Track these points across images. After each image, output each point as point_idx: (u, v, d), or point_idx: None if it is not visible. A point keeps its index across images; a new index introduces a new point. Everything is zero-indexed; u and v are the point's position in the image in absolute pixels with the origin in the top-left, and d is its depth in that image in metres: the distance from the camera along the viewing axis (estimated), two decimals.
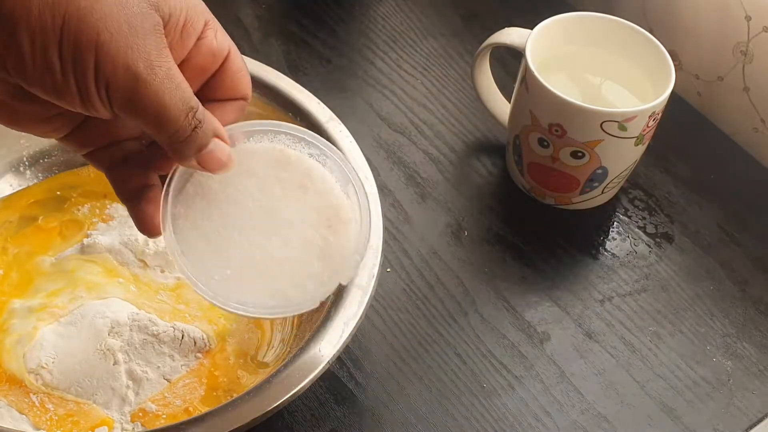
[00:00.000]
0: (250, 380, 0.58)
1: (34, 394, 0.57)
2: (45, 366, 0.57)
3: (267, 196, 0.48)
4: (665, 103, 0.66)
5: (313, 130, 0.63)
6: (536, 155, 0.68)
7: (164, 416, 0.56)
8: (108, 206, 0.66)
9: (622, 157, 0.68)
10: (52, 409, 0.56)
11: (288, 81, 0.66)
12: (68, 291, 0.61)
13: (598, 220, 0.72)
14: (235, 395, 0.55)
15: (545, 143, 0.67)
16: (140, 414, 0.56)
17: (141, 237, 0.63)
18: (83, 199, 0.66)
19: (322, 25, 0.83)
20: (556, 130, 0.65)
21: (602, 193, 0.70)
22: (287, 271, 0.48)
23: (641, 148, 0.68)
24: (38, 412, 0.56)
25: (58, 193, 0.66)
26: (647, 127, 0.66)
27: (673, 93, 0.66)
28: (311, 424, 0.59)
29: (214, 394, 0.58)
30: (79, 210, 0.65)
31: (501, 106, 0.73)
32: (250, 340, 0.60)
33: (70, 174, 0.67)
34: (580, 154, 0.66)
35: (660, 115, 0.66)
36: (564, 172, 0.68)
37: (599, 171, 0.67)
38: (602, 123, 0.64)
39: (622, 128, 0.64)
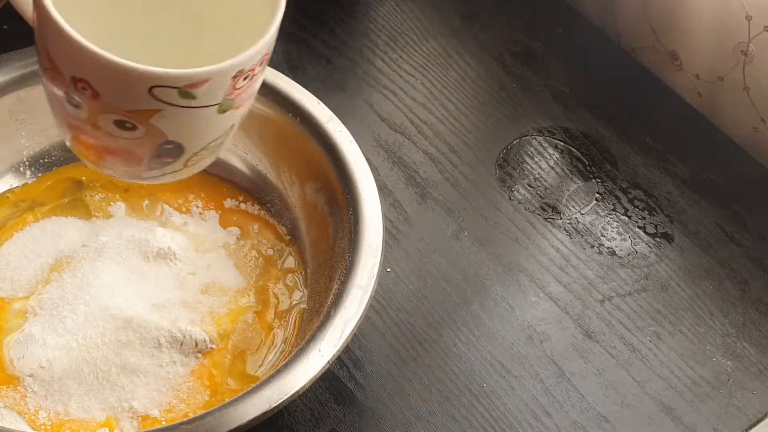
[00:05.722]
0: (239, 389, 0.58)
1: (31, 395, 0.57)
2: (44, 367, 0.57)
3: None
4: (264, 54, 0.45)
5: (313, 130, 0.64)
6: (69, 115, 0.46)
7: (164, 420, 0.56)
8: (112, 203, 0.66)
9: (201, 130, 0.46)
10: (51, 411, 0.56)
11: (288, 81, 0.66)
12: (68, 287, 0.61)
13: (598, 219, 0.72)
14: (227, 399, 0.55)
15: (75, 101, 0.45)
16: (141, 416, 0.57)
17: (142, 235, 0.63)
18: (101, 189, 0.67)
19: (322, 25, 0.83)
20: (84, 88, 0.44)
21: (186, 166, 0.49)
22: None
23: (236, 114, 0.47)
24: (36, 415, 0.56)
25: (84, 178, 0.67)
26: (235, 89, 0.44)
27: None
28: (311, 424, 0.59)
29: (213, 399, 0.58)
30: (92, 196, 0.66)
31: None
32: (252, 339, 0.60)
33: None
34: (129, 125, 0.45)
35: (263, 66, 0.46)
36: (114, 146, 0.47)
37: (169, 146, 0.46)
38: (152, 89, 0.43)
39: (188, 96, 0.43)
